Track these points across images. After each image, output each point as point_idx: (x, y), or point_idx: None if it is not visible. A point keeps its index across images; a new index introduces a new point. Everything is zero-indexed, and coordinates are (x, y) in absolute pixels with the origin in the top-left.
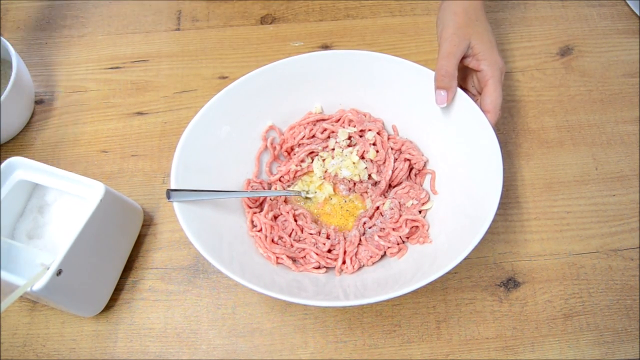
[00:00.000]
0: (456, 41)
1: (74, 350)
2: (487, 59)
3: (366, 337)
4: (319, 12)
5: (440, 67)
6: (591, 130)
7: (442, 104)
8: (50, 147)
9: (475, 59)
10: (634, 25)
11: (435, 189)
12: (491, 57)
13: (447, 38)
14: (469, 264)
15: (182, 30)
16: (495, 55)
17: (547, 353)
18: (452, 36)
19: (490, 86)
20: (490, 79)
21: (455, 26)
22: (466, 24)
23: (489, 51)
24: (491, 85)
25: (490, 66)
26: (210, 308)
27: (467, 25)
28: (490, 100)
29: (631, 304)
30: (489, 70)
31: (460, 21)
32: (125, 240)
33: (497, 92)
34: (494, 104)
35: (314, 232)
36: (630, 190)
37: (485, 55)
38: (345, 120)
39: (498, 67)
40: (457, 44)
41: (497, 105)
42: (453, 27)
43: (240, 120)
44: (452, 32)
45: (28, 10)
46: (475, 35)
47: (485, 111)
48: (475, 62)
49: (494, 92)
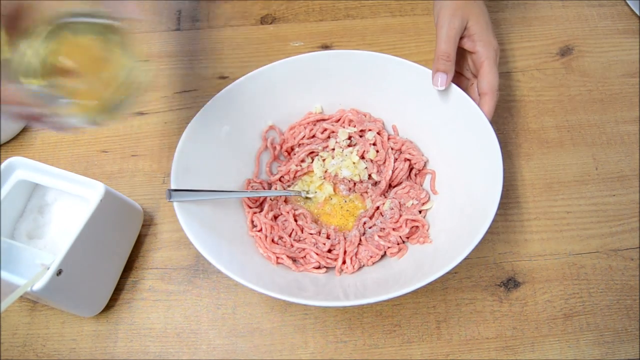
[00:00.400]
0: (456, 24)
1: (74, 350)
2: (483, 40)
3: (366, 337)
4: (319, 12)
5: (440, 51)
6: (591, 130)
7: (441, 87)
8: (50, 147)
9: (471, 39)
10: (634, 25)
11: (435, 189)
12: (486, 38)
13: (447, 20)
14: (469, 264)
15: (182, 30)
16: (490, 37)
17: (547, 353)
18: (451, 18)
19: (486, 67)
20: (486, 60)
21: (454, 7)
22: (463, 5)
23: (485, 32)
24: (487, 67)
25: (485, 47)
26: (211, 308)
27: (464, 6)
28: (487, 82)
29: (631, 304)
30: (484, 51)
31: (457, 2)
32: (125, 240)
33: (492, 74)
34: (490, 85)
35: (314, 232)
36: (630, 190)
37: (481, 36)
38: (345, 120)
39: (493, 48)
40: (456, 27)
41: (494, 86)
42: (452, 9)
43: (240, 120)
44: (451, 14)
45: None
46: (472, 16)
47: (482, 94)
48: (471, 44)
49: (489, 74)
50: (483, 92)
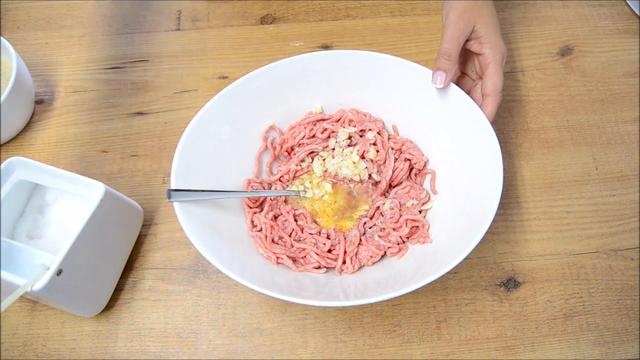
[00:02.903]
0: (461, 25)
1: (74, 350)
2: (490, 42)
3: (366, 337)
4: (319, 12)
5: (443, 50)
6: (591, 130)
7: (440, 85)
8: (50, 147)
9: (478, 42)
10: (634, 25)
11: (435, 189)
12: (494, 41)
13: (453, 21)
14: (469, 264)
15: (182, 30)
16: (498, 39)
17: (547, 353)
18: (457, 19)
19: (491, 69)
20: (492, 62)
21: (462, 8)
22: (472, 6)
23: (493, 35)
24: (492, 69)
25: (492, 49)
26: (211, 308)
27: (473, 8)
28: (492, 83)
29: (631, 304)
30: (490, 53)
31: (466, 3)
32: (125, 240)
33: (497, 76)
34: (494, 86)
35: (314, 232)
36: (630, 190)
37: (488, 38)
38: (345, 120)
39: (500, 50)
40: (461, 28)
41: (497, 88)
42: (459, 10)
43: (240, 120)
44: (458, 15)
45: (28, 10)
46: (480, 19)
47: (485, 95)
48: (478, 46)
49: (494, 75)
50: (486, 93)
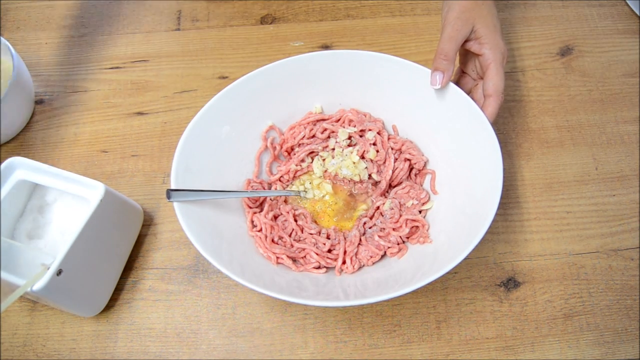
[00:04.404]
0: (459, 25)
1: (74, 350)
2: (490, 42)
3: (366, 337)
4: (319, 12)
5: (440, 50)
6: (591, 130)
7: (436, 86)
8: (50, 147)
9: (478, 42)
10: (634, 25)
11: (435, 189)
12: (493, 41)
13: (451, 21)
14: (469, 264)
15: (182, 30)
16: (497, 39)
17: (547, 353)
18: (455, 20)
19: (492, 70)
20: (492, 63)
21: (460, 9)
22: (471, 7)
23: (492, 35)
24: (493, 69)
25: (492, 50)
26: (210, 308)
27: (472, 9)
28: (493, 84)
29: (631, 304)
30: (490, 54)
31: (465, 3)
32: (125, 240)
33: (498, 76)
34: (495, 87)
35: (314, 232)
36: (630, 190)
37: (488, 39)
38: (345, 120)
39: (500, 51)
40: (459, 29)
41: (499, 89)
42: (458, 10)
43: (240, 120)
44: (456, 16)
45: (28, 10)
46: (479, 19)
47: (487, 95)
48: (478, 46)
49: (495, 76)
50: (488, 94)
